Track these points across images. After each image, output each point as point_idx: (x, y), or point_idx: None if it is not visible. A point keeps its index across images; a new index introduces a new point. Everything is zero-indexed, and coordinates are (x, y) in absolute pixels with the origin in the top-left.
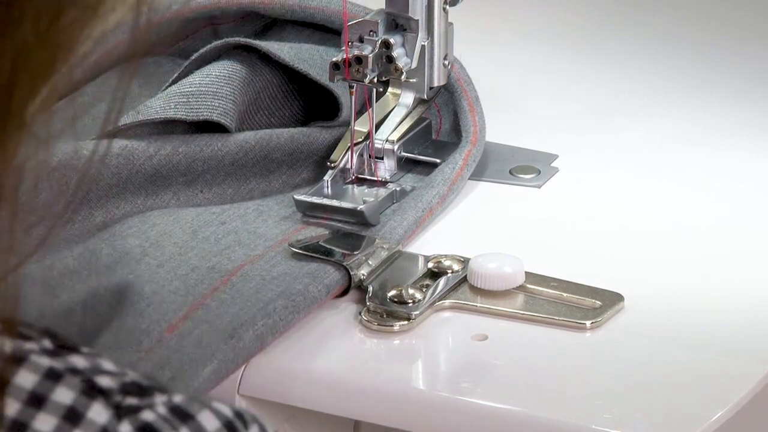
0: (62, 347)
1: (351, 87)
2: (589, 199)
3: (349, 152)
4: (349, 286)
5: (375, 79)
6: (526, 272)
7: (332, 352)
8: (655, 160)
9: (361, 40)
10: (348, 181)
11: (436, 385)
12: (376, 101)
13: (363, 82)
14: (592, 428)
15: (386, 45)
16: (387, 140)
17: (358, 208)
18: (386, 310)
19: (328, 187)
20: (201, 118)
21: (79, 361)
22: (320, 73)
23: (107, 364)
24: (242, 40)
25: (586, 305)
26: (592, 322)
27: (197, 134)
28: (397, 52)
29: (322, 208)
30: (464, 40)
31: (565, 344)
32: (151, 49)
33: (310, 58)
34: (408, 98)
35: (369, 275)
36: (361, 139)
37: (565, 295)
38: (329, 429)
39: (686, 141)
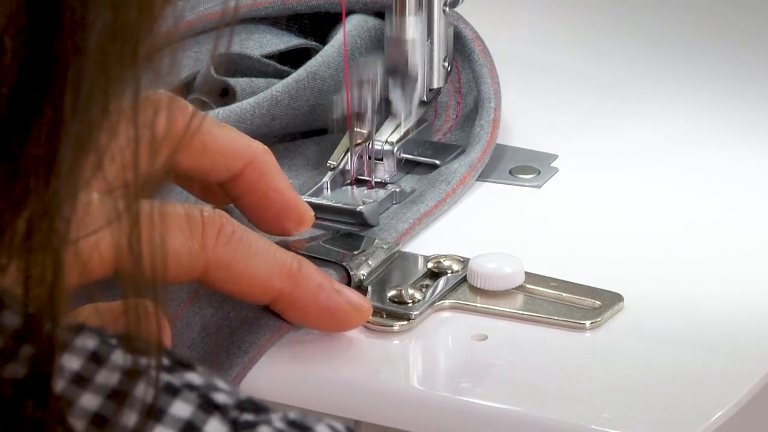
0: (179, 364)
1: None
2: (589, 200)
3: (349, 154)
4: (349, 286)
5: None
6: (525, 272)
7: (332, 352)
8: (655, 160)
9: (360, 87)
10: (347, 182)
11: (436, 385)
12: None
13: (363, 131)
14: (592, 428)
15: (386, 101)
16: (387, 141)
17: (358, 209)
18: (386, 310)
19: (327, 188)
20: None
21: (194, 377)
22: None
23: (221, 383)
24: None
25: (585, 305)
26: (591, 322)
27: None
28: (396, 104)
29: (322, 209)
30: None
31: (565, 344)
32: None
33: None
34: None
35: (369, 275)
36: (360, 141)
37: (564, 295)
38: None
39: (686, 141)
